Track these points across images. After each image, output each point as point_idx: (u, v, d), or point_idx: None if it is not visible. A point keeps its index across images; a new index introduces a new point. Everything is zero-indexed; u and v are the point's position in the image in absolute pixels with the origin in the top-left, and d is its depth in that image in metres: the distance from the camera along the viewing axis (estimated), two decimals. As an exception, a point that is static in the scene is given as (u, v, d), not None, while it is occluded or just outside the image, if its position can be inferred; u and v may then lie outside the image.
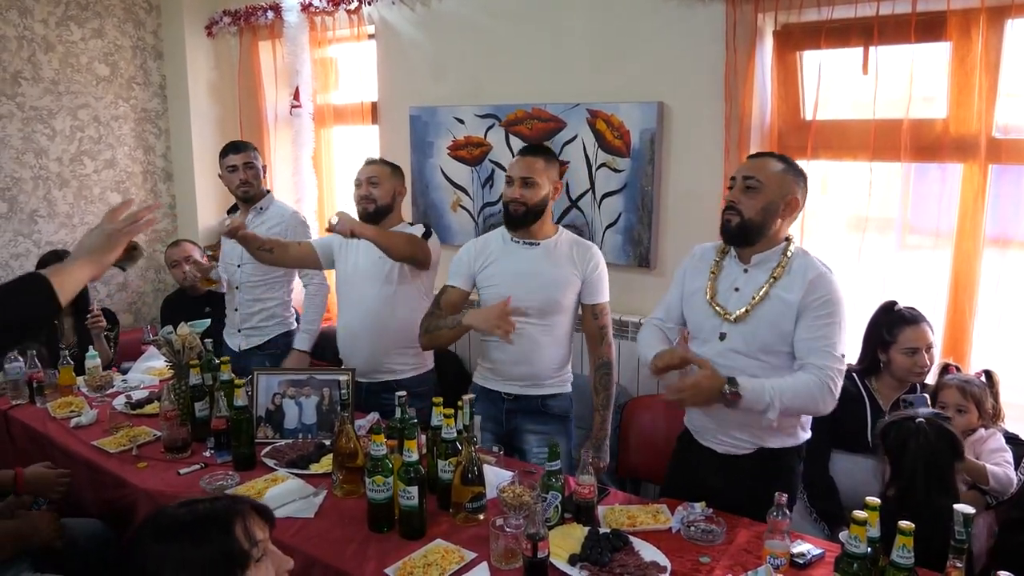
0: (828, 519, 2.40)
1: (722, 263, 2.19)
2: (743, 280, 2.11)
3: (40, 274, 1.62)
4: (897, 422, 1.95)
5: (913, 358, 2.40)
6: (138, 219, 1.73)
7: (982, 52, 2.45)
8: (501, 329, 2.34)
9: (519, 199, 2.50)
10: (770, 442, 2.11)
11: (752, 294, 2.07)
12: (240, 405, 2.35)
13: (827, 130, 2.80)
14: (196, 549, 1.16)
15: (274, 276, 3.34)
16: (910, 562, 1.51)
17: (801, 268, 2.05)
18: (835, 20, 2.66)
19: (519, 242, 2.57)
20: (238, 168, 3.28)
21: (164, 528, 1.19)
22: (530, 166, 2.51)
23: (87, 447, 2.56)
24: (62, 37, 4.31)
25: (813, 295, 2.00)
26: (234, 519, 1.20)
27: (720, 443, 2.16)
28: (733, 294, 2.11)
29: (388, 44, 3.92)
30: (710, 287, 2.15)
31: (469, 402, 2.21)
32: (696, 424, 2.23)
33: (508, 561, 1.78)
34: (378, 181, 2.88)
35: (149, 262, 4.85)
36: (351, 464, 2.15)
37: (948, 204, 2.64)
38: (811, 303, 2.00)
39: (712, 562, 1.82)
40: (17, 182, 4.26)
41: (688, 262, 2.29)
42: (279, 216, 3.34)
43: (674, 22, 3.01)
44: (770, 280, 2.06)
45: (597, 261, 2.56)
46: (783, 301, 2.03)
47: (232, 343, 3.41)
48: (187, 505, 1.24)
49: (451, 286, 2.62)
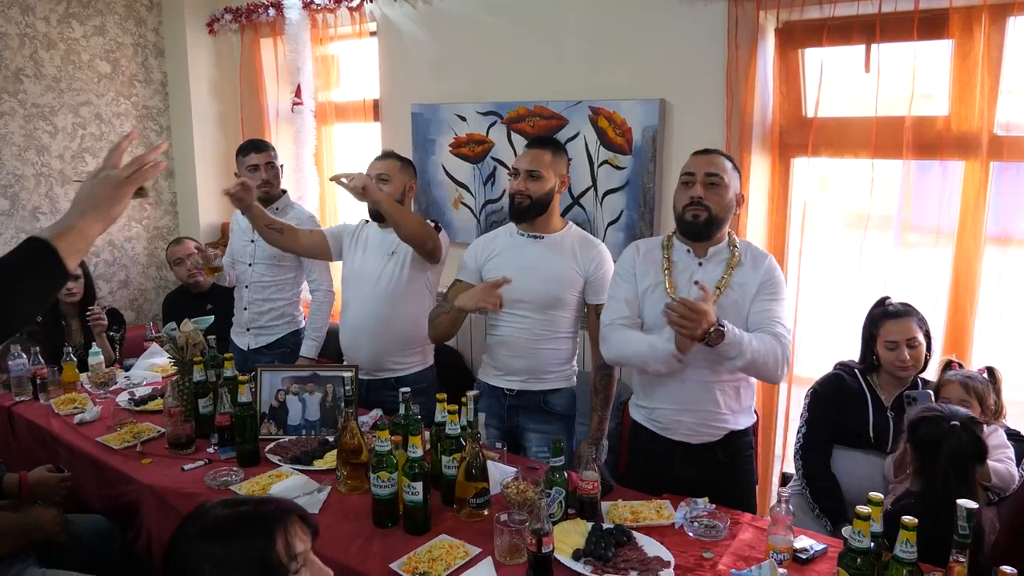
0: (830, 515, 2.41)
1: (671, 259, 2.23)
2: (701, 273, 2.19)
3: (42, 240, 1.34)
4: (930, 419, 1.93)
5: (894, 352, 2.40)
6: (145, 163, 1.50)
7: (984, 49, 2.46)
8: (487, 303, 2.37)
9: (524, 191, 2.50)
10: (734, 424, 2.23)
11: (714, 285, 2.14)
12: (244, 401, 2.36)
13: (829, 127, 2.81)
14: (236, 552, 1.14)
15: (285, 276, 3.34)
16: (913, 557, 1.52)
17: (751, 255, 2.21)
18: (837, 17, 2.67)
19: (524, 235, 2.58)
20: (259, 168, 3.26)
21: (208, 527, 1.17)
22: (536, 159, 2.51)
23: (91, 443, 2.56)
24: (64, 34, 4.32)
25: (767, 277, 2.17)
26: (276, 528, 1.17)
27: (696, 434, 2.20)
28: (694, 288, 2.14)
29: (390, 41, 3.92)
30: (669, 282, 2.19)
31: (473, 398, 2.22)
32: (664, 421, 2.24)
33: (512, 556, 1.79)
34: (388, 177, 2.81)
35: (151, 259, 4.86)
36: (355, 460, 2.16)
37: (949, 201, 2.65)
38: (764, 284, 2.16)
39: (715, 557, 1.82)
40: (19, 179, 4.26)
41: (634, 258, 2.29)
42: (297, 218, 3.28)
43: (676, 19, 3.01)
44: (728, 271, 2.17)
45: (601, 261, 2.56)
46: (743, 287, 2.16)
47: (240, 342, 3.40)
48: (232, 505, 1.22)
49: (459, 280, 2.64)
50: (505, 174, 3.10)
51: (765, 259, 2.21)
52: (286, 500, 1.29)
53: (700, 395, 2.18)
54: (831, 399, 2.47)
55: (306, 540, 1.22)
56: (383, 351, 2.86)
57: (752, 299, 2.16)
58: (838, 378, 2.49)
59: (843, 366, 2.53)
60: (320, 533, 1.93)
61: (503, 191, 3.58)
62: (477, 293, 2.42)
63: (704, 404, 2.19)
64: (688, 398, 2.19)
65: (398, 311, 2.84)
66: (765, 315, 2.14)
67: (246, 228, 3.34)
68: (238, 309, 3.44)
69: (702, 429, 2.21)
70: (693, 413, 2.20)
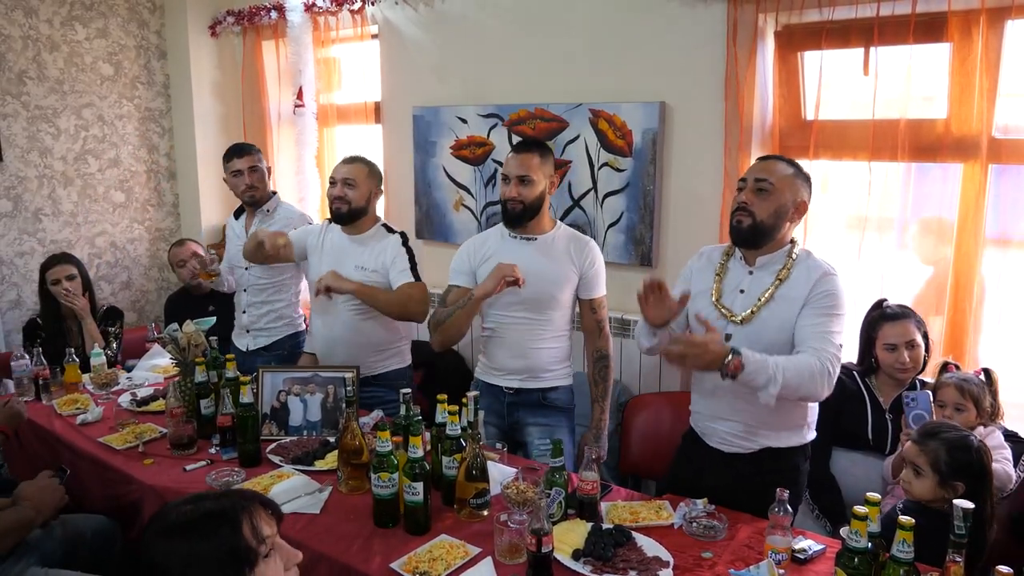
0: (830, 516, 2.42)
1: (727, 265, 2.20)
2: (748, 282, 2.13)
3: None
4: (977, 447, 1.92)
5: (893, 354, 2.41)
6: None
7: (982, 52, 2.47)
8: (508, 280, 2.39)
9: (516, 197, 2.51)
10: (775, 441, 2.13)
11: (758, 296, 2.09)
12: (246, 402, 2.37)
13: (828, 130, 2.82)
14: (204, 545, 1.17)
15: (282, 278, 3.35)
16: (910, 557, 1.53)
17: (806, 269, 2.09)
18: (836, 21, 2.68)
19: (516, 237, 2.59)
20: (243, 173, 3.27)
21: (172, 524, 1.19)
22: (525, 163, 2.51)
23: (93, 444, 2.58)
24: (67, 37, 4.34)
25: (817, 290, 2.04)
26: (241, 515, 1.20)
27: (727, 444, 2.17)
28: (738, 296, 2.13)
29: (391, 44, 3.93)
30: (716, 289, 2.17)
31: (473, 399, 2.23)
32: (702, 426, 2.24)
33: (512, 556, 1.80)
34: (354, 182, 2.80)
35: (153, 260, 4.87)
36: (356, 460, 2.17)
37: (949, 204, 2.66)
38: (814, 297, 2.04)
39: (714, 557, 1.83)
40: (22, 181, 4.28)
41: (695, 263, 2.30)
42: (287, 218, 3.32)
43: (676, 23, 3.03)
44: (775, 282, 2.08)
45: (594, 257, 2.58)
46: (789, 301, 2.06)
47: (240, 343, 3.42)
48: (194, 501, 1.24)
49: (454, 285, 2.63)
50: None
51: (820, 271, 2.06)
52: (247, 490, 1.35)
53: (730, 405, 2.13)
54: (830, 401, 2.47)
55: (272, 524, 1.25)
56: (357, 357, 2.78)
57: (801, 311, 2.04)
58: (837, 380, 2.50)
59: (842, 368, 2.53)
60: (321, 533, 1.96)
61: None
62: (496, 276, 2.41)
63: (733, 415, 2.13)
64: (719, 407, 2.16)
65: (369, 315, 2.81)
66: (811, 328, 2.02)
67: (240, 232, 3.37)
68: (237, 312, 3.46)
69: (734, 440, 2.16)
70: (726, 422, 2.16)
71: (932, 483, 1.89)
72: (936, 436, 1.92)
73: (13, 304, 4.34)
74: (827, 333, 2.02)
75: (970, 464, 1.88)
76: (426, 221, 3.93)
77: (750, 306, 2.10)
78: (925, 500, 1.90)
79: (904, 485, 1.95)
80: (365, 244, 2.86)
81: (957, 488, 1.86)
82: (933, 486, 1.89)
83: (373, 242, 2.86)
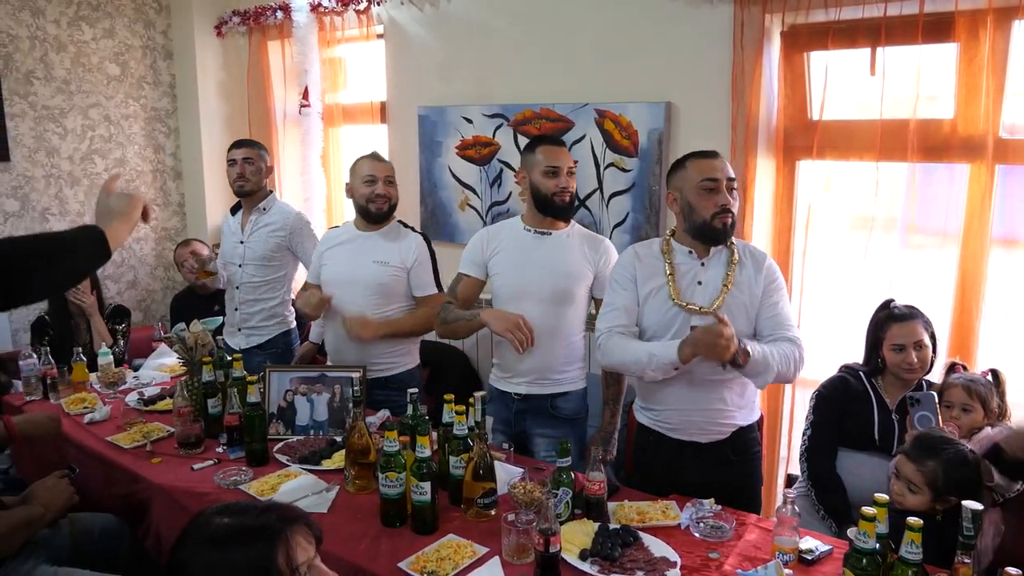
0: (835, 516, 2.41)
1: (673, 262, 2.22)
2: (703, 274, 2.20)
3: (96, 227, 1.77)
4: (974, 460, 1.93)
5: (901, 355, 2.41)
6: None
7: (989, 53, 2.46)
8: (516, 339, 2.36)
9: (568, 188, 2.52)
10: (744, 419, 2.26)
11: (719, 284, 2.17)
12: (253, 402, 2.38)
13: (834, 130, 2.82)
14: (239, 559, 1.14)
15: (275, 276, 3.36)
16: (918, 558, 1.53)
17: (750, 254, 2.24)
18: (842, 21, 2.68)
19: (531, 231, 2.58)
20: (237, 162, 3.30)
21: (210, 536, 1.17)
22: (569, 156, 2.56)
23: (101, 442, 2.59)
24: (73, 37, 4.35)
25: (770, 278, 2.20)
26: (278, 540, 1.16)
27: (705, 433, 2.22)
28: (697, 288, 2.18)
29: (397, 44, 3.94)
30: (673, 287, 2.19)
31: (481, 399, 2.23)
32: (673, 422, 2.25)
33: (520, 556, 1.80)
34: (394, 180, 2.86)
35: (158, 260, 4.89)
36: (363, 460, 2.18)
37: (955, 204, 2.65)
38: (768, 286, 2.19)
39: (721, 558, 1.83)
40: (29, 180, 4.29)
41: (633, 263, 2.27)
42: (282, 217, 3.33)
43: (682, 23, 3.03)
44: (730, 269, 2.18)
45: (610, 256, 2.57)
46: (749, 288, 2.18)
47: (232, 342, 3.42)
48: (234, 513, 1.21)
49: (464, 275, 2.63)
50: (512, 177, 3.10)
51: (765, 258, 2.23)
52: (290, 507, 1.27)
53: (708, 394, 2.20)
54: (836, 401, 2.48)
55: (309, 549, 1.21)
56: (368, 355, 2.80)
57: (760, 302, 2.18)
58: (843, 381, 2.50)
59: (848, 369, 2.53)
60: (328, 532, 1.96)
61: (509, 193, 3.60)
62: (510, 324, 2.38)
63: (712, 403, 2.21)
64: (697, 398, 2.20)
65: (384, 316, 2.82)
66: (776, 319, 2.17)
67: (235, 229, 3.38)
68: (229, 309, 3.47)
69: (711, 427, 2.22)
70: (702, 412, 2.21)
71: (926, 499, 1.90)
72: (934, 455, 1.91)
73: (20, 303, 4.35)
74: (789, 320, 2.20)
75: (968, 479, 1.89)
76: (431, 221, 3.94)
77: (711, 296, 2.16)
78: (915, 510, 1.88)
79: (895, 497, 1.93)
80: (383, 239, 2.86)
81: (950, 501, 1.87)
82: (927, 501, 1.90)
83: (392, 237, 2.86)
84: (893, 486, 1.96)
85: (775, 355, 2.07)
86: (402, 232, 2.89)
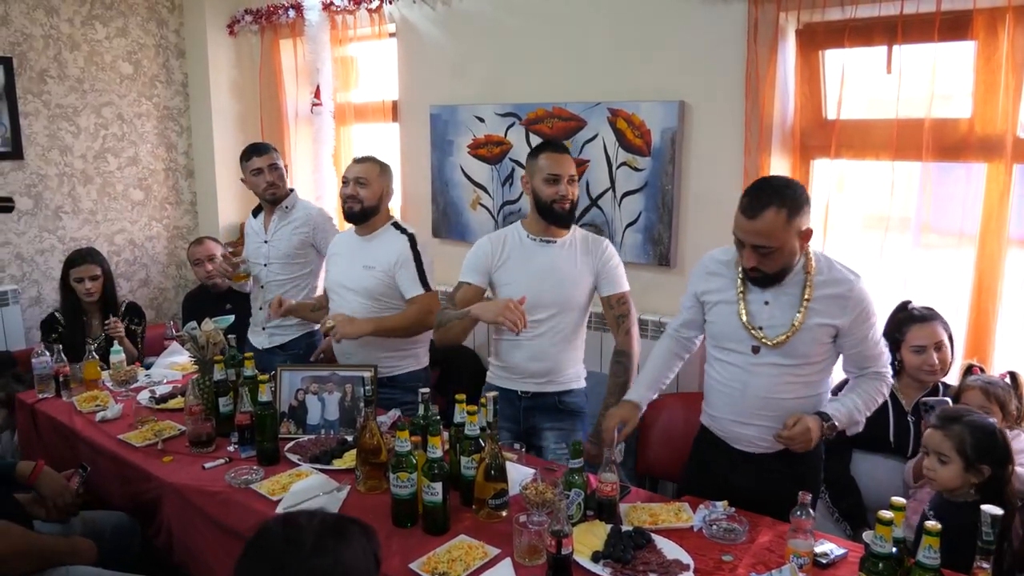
0: (850, 519, 2.39)
1: (745, 280, 2.12)
2: (771, 293, 2.07)
3: None
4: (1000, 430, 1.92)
5: (921, 356, 2.39)
6: None
7: (1008, 51, 2.43)
8: (509, 320, 2.30)
9: (568, 196, 2.52)
10: None
11: (787, 312, 2.04)
12: (264, 401, 2.38)
13: (850, 129, 2.79)
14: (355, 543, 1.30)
15: (300, 273, 3.35)
16: (936, 562, 1.51)
17: (831, 282, 2.03)
18: (858, 19, 2.65)
19: (535, 239, 2.57)
20: (263, 171, 3.26)
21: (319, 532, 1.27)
22: (572, 164, 2.55)
23: (112, 441, 2.59)
24: (87, 36, 4.37)
25: (855, 311, 2.02)
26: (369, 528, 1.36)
27: (754, 446, 2.15)
28: (764, 308, 2.07)
29: (409, 43, 3.93)
30: (744, 309, 2.09)
31: (492, 400, 2.22)
32: (725, 431, 2.20)
33: (532, 557, 1.79)
34: (366, 182, 2.82)
35: (171, 258, 4.90)
36: (374, 460, 2.17)
37: (972, 204, 2.62)
38: (855, 320, 2.03)
39: (735, 560, 1.82)
40: (42, 179, 4.31)
41: (702, 273, 2.24)
42: (305, 215, 3.32)
43: (696, 21, 3.01)
44: (804, 301, 2.02)
45: (610, 254, 2.58)
46: (822, 321, 2.02)
47: (256, 341, 3.42)
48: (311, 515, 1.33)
49: (466, 283, 2.61)
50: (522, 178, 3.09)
51: (846, 287, 2.02)
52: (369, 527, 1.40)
53: (762, 408, 2.10)
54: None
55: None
56: (373, 357, 2.78)
57: (847, 334, 2.04)
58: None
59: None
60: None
61: (520, 192, 3.59)
62: (499, 307, 2.34)
63: (764, 420, 2.10)
64: (749, 411, 2.12)
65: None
66: (862, 356, 2.09)
67: (259, 230, 3.38)
68: (254, 308, 3.46)
69: (761, 443, 2.13)
70: (754, 427, 2.13)
71: (958, 468, 1.88)
72: (958, 420, 1.93)
73: (33, 301, 4.38)
74: (877, 345, 2.11)
75: (995, 447, 1.89)
76: (443, 220, 3.93)
77: (781, 328, 2.04)
78: (951, 488, 1.90)
79: (929, 474, 1.94)
80: (373, 243, 2.87)
81: (983, 471, 1.87)
82: (959, 471, 1.88)
83: (381, 241, 2.86)
84: (924, 463, 1.97)
85: (860, 406, 2.07)
86: (390, 235, 2.88)
